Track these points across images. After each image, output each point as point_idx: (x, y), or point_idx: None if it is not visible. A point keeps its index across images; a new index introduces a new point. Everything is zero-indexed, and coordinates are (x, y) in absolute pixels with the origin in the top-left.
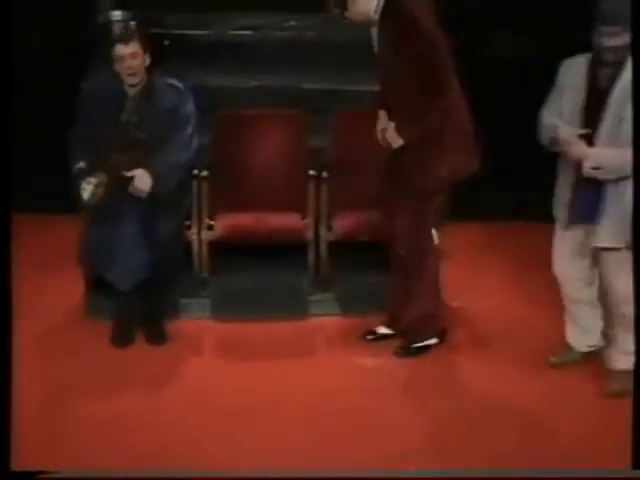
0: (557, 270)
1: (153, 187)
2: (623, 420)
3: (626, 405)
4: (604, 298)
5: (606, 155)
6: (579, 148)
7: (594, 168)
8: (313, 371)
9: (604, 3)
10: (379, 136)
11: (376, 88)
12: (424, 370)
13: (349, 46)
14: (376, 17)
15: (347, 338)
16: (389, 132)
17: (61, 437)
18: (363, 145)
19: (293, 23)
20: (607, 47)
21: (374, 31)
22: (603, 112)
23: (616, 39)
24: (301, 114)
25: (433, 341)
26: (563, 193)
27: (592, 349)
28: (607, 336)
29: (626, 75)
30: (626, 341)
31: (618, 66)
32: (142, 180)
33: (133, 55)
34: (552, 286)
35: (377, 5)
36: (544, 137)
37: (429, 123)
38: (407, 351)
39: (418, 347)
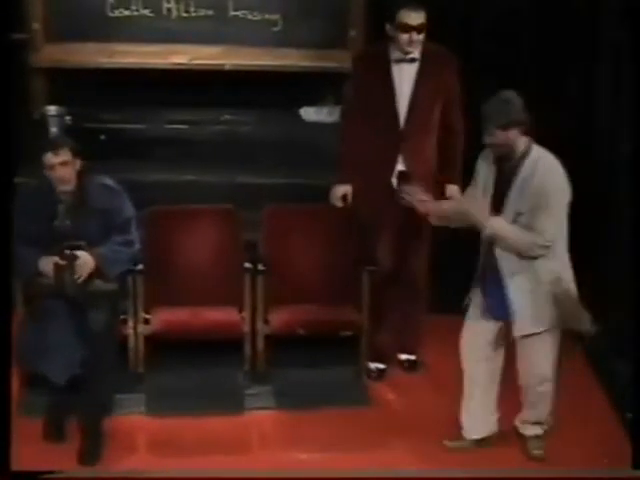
0: (467, 363)
1: (101, 267)
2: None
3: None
4: (525, 378)
5: (506, 226)
6: (482, 212)
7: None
8: (248, 467)
9: (486, 105)
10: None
11: (310, 181)
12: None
13: (284, 141)
14: (414, 55)
15: (283, 433)
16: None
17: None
18: (295, 238)
19: (228, 117)
20: (489, 144)
21: (399, 68)
22: (504, 205)
23: (492, 138)
24: (234, 208)
25: None
26: (474, 290)
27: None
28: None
29: (524, 171)
30: (540, 413)
31: (520, 160)
32: (85, 259)
33: (63, 164)
34: None
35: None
36: None
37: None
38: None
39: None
